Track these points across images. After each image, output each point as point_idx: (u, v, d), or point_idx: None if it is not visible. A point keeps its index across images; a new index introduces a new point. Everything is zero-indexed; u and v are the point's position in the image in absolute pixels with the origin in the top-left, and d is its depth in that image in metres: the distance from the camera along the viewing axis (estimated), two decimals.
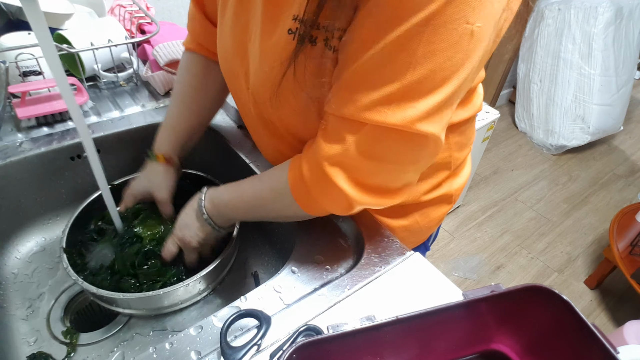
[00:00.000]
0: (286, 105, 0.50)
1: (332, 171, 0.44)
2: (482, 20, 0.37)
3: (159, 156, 0.68)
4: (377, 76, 0.39)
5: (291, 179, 0.49)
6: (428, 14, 0.35)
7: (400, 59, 0.38)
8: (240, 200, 0.56)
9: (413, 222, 0.68)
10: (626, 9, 2.27)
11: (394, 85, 0.39)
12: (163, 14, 1.26)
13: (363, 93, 0.40)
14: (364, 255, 0.57)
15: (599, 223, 2.13)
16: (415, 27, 0.36)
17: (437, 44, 0.37)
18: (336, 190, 0.45)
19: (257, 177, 0.56)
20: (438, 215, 0.71)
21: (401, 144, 0.42)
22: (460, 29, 0.36)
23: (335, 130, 0.44)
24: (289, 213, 0.54)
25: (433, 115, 0.40)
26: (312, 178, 0.46)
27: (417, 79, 0.38)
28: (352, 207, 0.47)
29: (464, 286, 1.78)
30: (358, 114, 0.41)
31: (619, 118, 2.56)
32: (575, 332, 0.38)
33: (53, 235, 0.76)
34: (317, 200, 0.47)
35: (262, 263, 0.75)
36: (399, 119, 0.40)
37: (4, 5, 0.88)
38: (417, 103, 0.39)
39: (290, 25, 0.44)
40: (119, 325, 0.63)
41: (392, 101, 0.39)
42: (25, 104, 0.73)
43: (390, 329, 0.39)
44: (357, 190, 0.45)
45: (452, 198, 0.70)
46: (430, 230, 0.74)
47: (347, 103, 0.41)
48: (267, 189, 0.53)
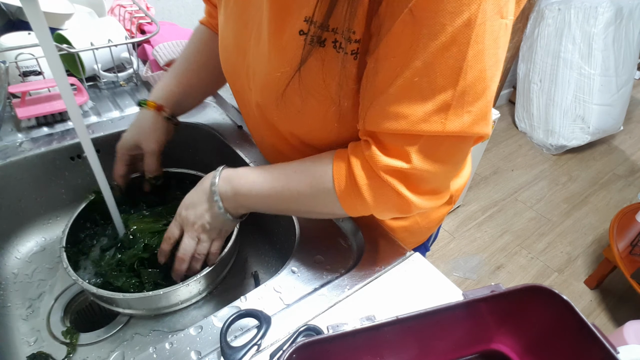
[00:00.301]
0: (291, 107, 0.50)
1: (391, 180, 0.44)
2: (511, 13, 0.38)
3: (150, 103, 0.65)
4: (428, 86, 0.39)
5: (339, 181, 0.47)
6: (470, 15, 0.35)
7: (450, 65, 0.37)
8: (268, 188, 0.52)
9: (413, 223, 0.68)
10: (626, 9, 2.27)
11: (447, 93, 0.39)
12: (163, 14, 1.26)
13: (416, 106, 0.40)
14: (364, 255, 0.57)
15: (599, 223, 2.13)
16: (459, 30, 0.36)
17: (483, 43, 0.37)
18: (396, 196, 0.45)
19: (290, 168, 0.52)
20: (438, 216, 0.71)
21: (458, 147, 0.43)
22: (497, 24, 0.37)
23: (390, 144, 0.43)
24: (326, 210, 0.52)
25: (486, 115, 0.41)
26: (368, 186, 0.45)
27: (470, 82, 0.38)
28: (411, 211, 0.47)
29: (464, 286, 1.78)
30: (413, 127, 0.40)
31: (619, 118, 2.56)
32: (575, 332, 0.38)
33: (53, 235, 0.76)
34: (369, 204, 0.46)
35: (262, 263, 0.75)
36: (457, 127, 0.40)
37: (4, 5, 0.88)
38: (472, 107, 0.40)
39: (302, 27, 0.44)
40: (119, 325, 0.63)
41: (447, 109, 0.39)
42: (25, 104, 0.73)
43: (390, 329, 0.39)
44: (415, 195, 0.45)
45: (452, 198, 0.70)
46: (430, 230, 0.74)
47: (399, 119, 0.41)
48: (305, 183, 0.50)
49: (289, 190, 0.51)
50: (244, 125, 0.82)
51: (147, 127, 0.64)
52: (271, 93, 0.51)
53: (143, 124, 0.64)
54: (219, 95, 0.88)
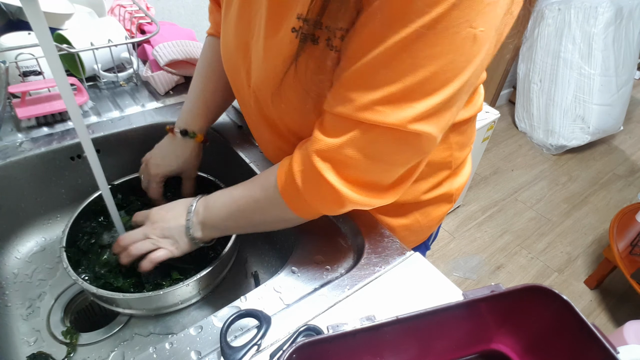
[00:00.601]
0: (287, 103, 0.50)
1: (321, 165, 0.44)
2: (485, 24, 0.37)
3: (199, 137, 0.68)
4: (378, 76, 0.39)
5: (280, 175, 0.49)
6: (434, 17, 0.35)
7: (403, 60, 0.38)
8: (229, 197, 0.55)
9: (414, 221, 0.68)
10: (626, 9, 2.27)
11: (394, 86, 0.39)
12: (163, 14, 1.26)
13: (362, 92, 0.40)
14: (364, 255, 0.57)
15: (599, 223, 2.13)
16: (420, 29, 0.36)
17: (441, 46, 0.37)
18: (325, 184, 0.44)
19: (249, 180, 0.55)
20: (438, 215, 0.71)
21: (395, 143, 0.43)
22: (464, 32, 0.37)
23: (331, 127, 0.44)
24: (278, 216, 0.52)
25: (430, 116, 0.41)
26: (302, 172, 0.46)
27: (419, 80, 0.38)
28: (343, 205, 0.46)
29: (464, 286, 1.78)
30: (356, 113, 0.41)
31: (619, 118, 2.56)
32: (575, 332, 0.38)
33: (53, 235, 0.76)
34: (305, 197, 0.47)
35: (262, 263, 0.75)
36: (396, 119, 0.40)
37: (4, 5, 0.88)
38: (416, 103, 0.40)
39: (294, 24, 0.44)
40: (119, 325, 0.63)
41: (391, 101, 0.40)
42: (25, 104, 0.73)
43: (390, 329, 0.39)
44: (347, 186, 0.45)
45: (452, 197, 0.70)
46: (430, 229, 0.74)
47: (346, 102, 0.41)
48: (257, 187, 0.53)
49: (245, 199, 0.53)
50: (244, 125, 0.82)
51: (193, 157, 0.69)
52: (267, 89, 0.51)
53: (187, 154, 0.69)
54: None
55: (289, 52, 0.45)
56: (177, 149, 0.68)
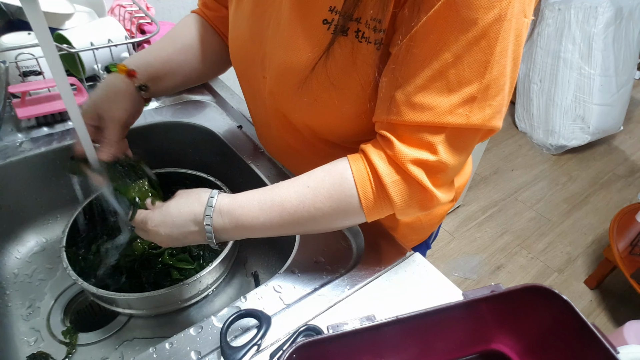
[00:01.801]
0: (309, 95, 0.49)
1: (417, 173, 0.44)
2: (531, 13, 0.39)
3: (120, 66, 0.57)
4: (456, 79, 0.39)
5: (363, 184, 0.45)
6: (500, 11, 0.36)
7: (478, 59, 0.38)
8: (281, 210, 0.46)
9: (415, 220, 0.68)
10: (626, 9, 2.27)
11: (473, 86, 0.39)
12: (163, 14, 1.26)
13: (442, 97, 0.40)
14: (364, 255, 0.57)
15: (599, 223, 2.13)
16: (489, 24, 0.37)
17: (508, 39, 0.38)
18: (421, 190, 0.45)
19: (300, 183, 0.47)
20: (440, 213, 0.72)
21: (473, 138, 0.44)
22: (521, 22, 0.38)
23: (414, 135, 0.43)
24: (343, 221, 0.48)
25: (503, 109, 0.42)
26: (396, 181, 0.44)
27: (494, 76, 0.39)
28: (433, 206, 0.47)
29: (464, 286, 1.78)
30: (439, 119, 0.41)
31: (619, 118, 2.56)
32: (575, 332, 0.38)
33: (53, 235, 0.76)
34: (395, 203, 0.45)
35: (262, 263, 0.75)
36: (479, 119, 0.41)
37: (4, 5, 0.88)
38: (493, 101, 0.41)
39: (326, 16, 0.44)
40: (119, 326, 0.63)
41: (472, 102, 0.40)
42: (25, 104, 0.73)
43: (390, 329, 0.39)
44: (436, 187, 0.45)
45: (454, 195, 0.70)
46: (432, 227, 0.74)
47: (425, 110, 0.41)
48: (324, 197, 0.46)
49: (304, 209, 0.46)
50: (244, 125, 0.82)
51: (113, 93, 0.56)
52: (289, 80, 0.50)
53: (108, 90, 0.56)
54: (219, 95, 0.88)
55: (319, 44, 0.45)
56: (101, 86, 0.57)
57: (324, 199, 0.46)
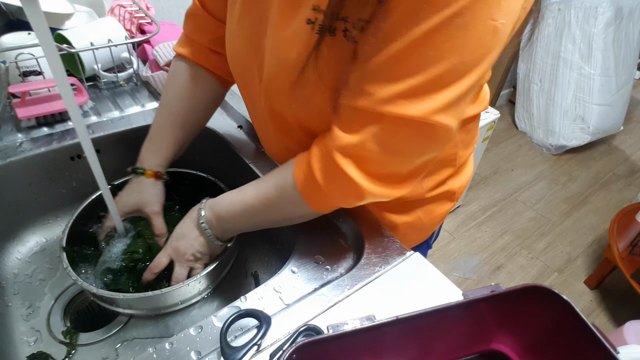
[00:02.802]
0: (303, 97, 0.50)
1: (343, 161, 0.44)
2: (505, 17, 0.38)
3: (148, 172, 0.65)
4: (401, 69, 0.39)
5: (298, 174, 0.49)
6: (457, 9, 0.36)
7: (426, 53, 0.38)
8: (242, 203, 0.55)
9: (416, 219, 0.68)
10: (626, 9, 2.27)
11: (417, 78, 0.39)
12: (163, 14, 1.26)
13: (384, 85, 0.40)
14: (364, 255, 0.57)
15: (599, 223, 2.13)
16: (444, 21, 0.36)
17: (463, 39, 0.37)
18: (347, 180, 0.45)
19: (260, 179, 0.55)
20: (441, 213, 0.71)
21: (416, 135, 0.43)
22: (486, 24, 0.37)
23: (351, 121, 0.44)
24: (295, 212, 0.53)
25: (451, 108, 0.41)
26: (323, 169, 0.46)
27: (440, 72, 0.39)
28: (363, 198, 0.47)
29: (464, 286, 1.78)
30: (377, 106, 0.41)
31: (619, 118, 2.56)
32: (575, 332, 0.38)
33: (53, 235, 0.76)
34: (325, 192, 0.47)
35: (262, 263, 0.75)
36: (419, 111, 0.40)
37: (4, 5, 0.88)
38: (437, 95, 0.40)
39: (310, 16, 0.44)
40: (119, 325, 0.63)
41: (413, 94, 0.40)
42: (25, 104, 0.73)
43: (390, 329, 0.39)
44: (367, 180, 0.45)
45: (454, 195, 0.70)
46: (433, 227, 0.74)
47: (366, 95, 0.41)
48: (271, 188, 0.52)
49: (259, 200, 0.53)
50: (244, 125, 0.82)
51: (150, 194, 0.66)
52: (282, 83, 0.50)
53: (143, 192, 0.66)
54: None
55: (305, 45, 0.45)
56: (134, 186, 0.66)
57: (271, 188, 0.52)
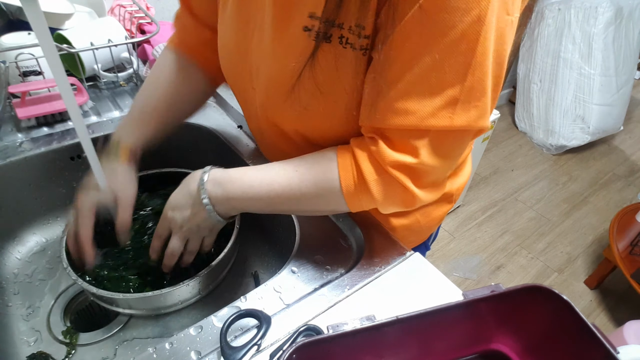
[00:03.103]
0: (298, 104, 0.50)
1: (399, 175, 0.44)
2: (517, 10, 0.39)
3: (124, 150, 0.60)
4: (437, 82, 0.39)
5: (346, 180, 0.47)
6: (479, 12, 0.36)
7: (459, 61, 0.38)
8: (268, 189, 0.50)
9: (414, 221, 0.68)
10: (626, 9, 2.27)
11: (455, 88, 0.39)
12: (163, 14, 1.26)
13: (424, 101, 0.40)
14: (364, 255, 0.57)
15: (599, 223, 2.13)
16: (468, 27, 0.36)
17: (490, 39, 0.38)
18: (403, 190, 0.46)
19: (290, 167, 0.50)
20: (439, 215, 0.71)
21: (461, 140, 0.44)
22: (504, 20, 0.38)
23: (398, 139, 0.44)
24: (328, 209, 0.53)
25: (489, 109, 0.42)
26: (378, 182, 0.46)
27: (477, 78, 0.39)
28: (415, 204, 0.48)
29: (464, 286, 1.78)
30: (422, 122, 0.41)
31: (619, 118, 2.56)
32: (575, 332, 0.38)
33: (53, 235, 0.76)
34: (378, 202, 0.47)
35: (262, 263, 0.75)
36: (464, 121, 0.41)
37: (4, 5, 0.88)
38: (478, 102, 0.40)
39: (307, 23, 0.44)
40: (119, 325, 0.63)
41: (454, 104, 0.40)
42: (25, 104, 0.73)
43: (390, 329, 0.39)
44: (419, 188, 0.46)
45: (452, 197, 0.70)
46: (430, 229, 0.74)
47: (408, 114, 0.41)
48: (308, 183, 0.49)
49: (290, 191, 0.49)
50: (244, 125, 0.82)
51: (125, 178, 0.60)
52: (279, 90, 0.50)
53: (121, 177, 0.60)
54: (219, 95, 0.88)
55: (303, 52, 0.45)
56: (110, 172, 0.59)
57: (309, 184, 0.49)
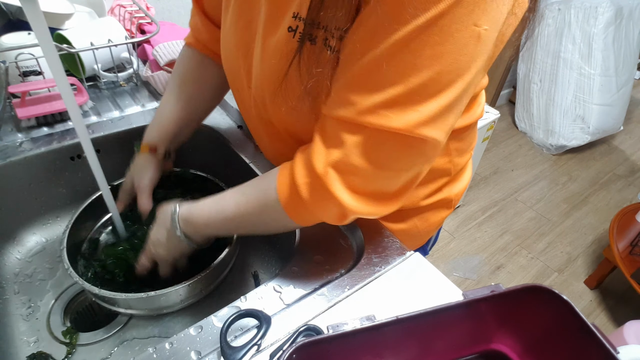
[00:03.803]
0: (287, 105, 0.49)
1: (328, 176, 0.42)
2: (489, 23, 0.36)
3: (143, 146, 0.66)
4: (381, 78, 0.38)
5: (282, 188, 0.46)
6: (436, 14, 0.34)
7: (405, 60, 0.37)
8: (222, 217, 0.53)
9: (412, 226, 0.68)
10: (626, 9, 2.27)
11: (397, 87, 0.38)
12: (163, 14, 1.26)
13: (365, 95, 0.39)
14: (364, 255, 0.57)
15: (599, 223, 2.13)
16: (422, 27, 0.35)
17: (444, 45, 0.36)
18: (331, 198, 0.43)
19: (239, 190, 0.53)
20: (437, 220, 0.71)
21: (400, 149, 0.41)
22: (468, 30, 0.35)
23: (334, 133, 0.42)
24: (277, 225, 0.52)
25: (436, 120, 0.39)
26: (308, 185, 0.44)
27: (423, 81, 0.37)
28: (346, 217, 0.45)
29: (464, 286, 1.78)
30: (359, 116, 0.39)
31: (619, 118, 2.56)
32: (575, 332, 0.38)
33: (53, 235, 0.76)
34: (309, 208, 0.45)
35: (262, 263, 0.75)
36: (402, 123, 0.38)
37: (4, 5, 0.88)
38: (420, 107, 0.38)
39: (290, 23, 0.44)
40: (119, 325, 0.63)
41: (395, 104, 0.38)
42: (25, 104, 0.73)
43: (390, 329, 0.39)
44: (352, 198, 0.43)
45: (451, 203, 0.70)
46: (429, 234, 0.74)
47: (347, 105, 0.40)
48: (252, 201, 0.50)
49: (239, 214, 0.51)
50: (244, 125, 0.82)
51: (141, 168, 0.66)
52: (266, 90, 0.50)
53: (135, 166, 0.67)
54: None
55: (287, 52, 0.44)
56: (133, 163, 0.68)
57: (254, 202, 0.50)
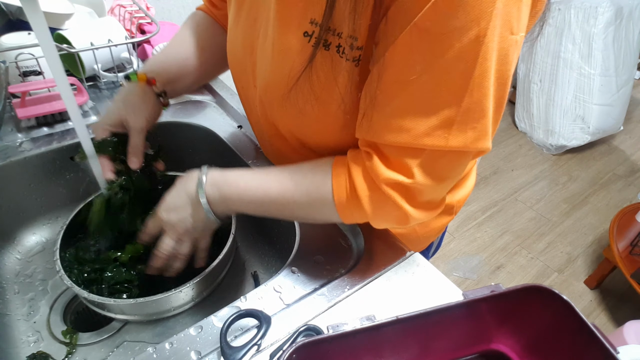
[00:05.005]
0: (295, 107, 0.50)
1: (392, 193, 0.44)
2: (523, 29, 0.37)
3: (140, 75, 0.59)
4: (433, 101, 0.38)
5: (338, 191, 0.47)
6: (478, 32, 0.34)
7: (456, 81, 0.37)
8: (262, 194, 0.51)
9: (411, 231, 0.68)
10: (626, 9, 2.27)
11: (451, 109, 0.38)
12: (163, 14, 1.26)
13: (419, 119, 0.39)
14: (364, 255, 0.57)
15: (599, 223, 2.13)
16: (467, 47, 0.35)
17: (490, 60, 0.36)
18: (396, 209, 0.45)
19: (286, 174, 0.51)
20: (437, 225, 0.71)
21: (457, 160, 0.43)
22: (507, 40, 0.36)
23: (394, 157, 0.43)
24: (322, 218, 0.52)
25: (489, 132, 0.40)
26: (368, 197, 0.45)
27: (475, 99, 0.38)
28: (408, 223, 0.47)
29: (464, 286, 1.78)
30: (416, 140, 0.40)
31: (619, 118, 2.56)
32: (575, 332, 0.38)
33: (53, 235, 0.76)
34: (369, 217, 0.47)
35: (262, 263, 0.75)
36: (460, 142, 0.40)
37: (4, 5, 0.88)
38: (476, 124, 0.39)
39: (307, 29, 0.44)
40: (119, 326, 0.63)
41: (451, 125, 0.39)
42: (25, 104, 0.73)
43: (390, 329, 0.39)
44: (413, 207, 0.45)
45: (453, 209, 0.70)
46: (429, 239, 0.74)
47: (402, 132, 0.40)
48: (302, 191, 0.49)
49: (284, 198, 0.50)
50: (244, 125, 0.82)
51: (136, 101, 0.58)
52: (275, 92, 0.50)
53: (130, 98, 0.58)
54: (219, 95, 0.88)
55: (301, 57, 0.45)
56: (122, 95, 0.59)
57: (303, 193, 0.49)
